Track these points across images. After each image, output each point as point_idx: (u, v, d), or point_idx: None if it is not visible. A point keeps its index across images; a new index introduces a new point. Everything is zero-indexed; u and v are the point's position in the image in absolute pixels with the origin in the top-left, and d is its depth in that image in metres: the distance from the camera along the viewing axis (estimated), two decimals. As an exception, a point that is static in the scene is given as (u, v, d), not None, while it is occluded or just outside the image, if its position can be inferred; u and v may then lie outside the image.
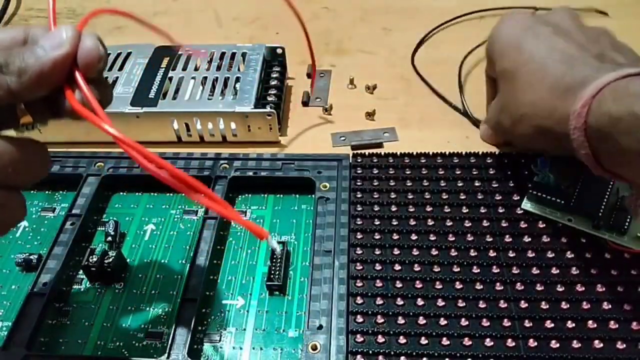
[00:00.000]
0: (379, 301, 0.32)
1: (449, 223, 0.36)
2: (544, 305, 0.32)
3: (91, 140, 0.45)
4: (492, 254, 0.35)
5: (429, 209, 0.37)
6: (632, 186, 0.31)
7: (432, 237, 0.36)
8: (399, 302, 0.32)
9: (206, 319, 0.34)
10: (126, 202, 0.41)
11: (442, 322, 0.31)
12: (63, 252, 0.36)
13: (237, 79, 0.46)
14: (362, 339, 0.31)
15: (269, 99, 0.46)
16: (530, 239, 0.35)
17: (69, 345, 0.33)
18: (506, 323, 0.31)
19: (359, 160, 0.41)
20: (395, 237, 0.36)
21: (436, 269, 0.34)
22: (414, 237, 0.36)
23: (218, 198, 0.23)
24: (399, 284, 0.33)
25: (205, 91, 0.45)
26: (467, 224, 0.36)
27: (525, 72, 0.33)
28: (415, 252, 0.35)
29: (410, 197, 0.38)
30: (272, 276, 0.35)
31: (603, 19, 0.55)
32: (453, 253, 0.35)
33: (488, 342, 0.30)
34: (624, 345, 0.30)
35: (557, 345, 0.30)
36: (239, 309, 0.34)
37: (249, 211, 0.40)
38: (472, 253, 0.35)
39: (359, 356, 0.30)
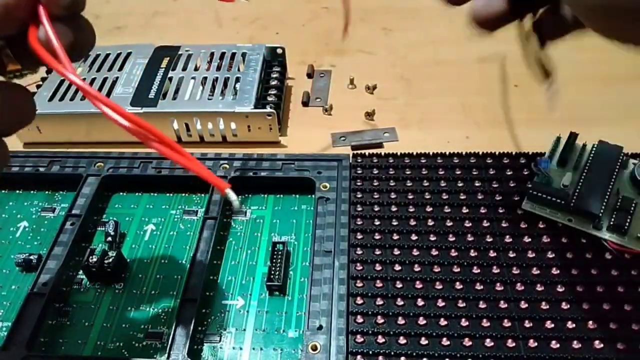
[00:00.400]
0: (379, 301, 0.32)
1: (449, 223, 0.36)
2: (544, 306, 0.32)
3: (91, 141, 0.45)
4: (492, 254, 0.35)
5: (429, 209, 0.37)
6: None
7: (432, 238, 0.36)
8: (399, 302, 0.32)
9: (206, 319, 0.34)
10: (126, 202, 0.41)
11: (442, 322, 0.31)
12: (63, 252, 0.36)
13: (237, 79, 0.46)
14: (362, 340, 0.31)
15: (269, 99, 0.46)
16: (530, 239, 0.35)
17: (69, 345, 0.33)
18: (506, 323, 0.31)
19: (359, 161, 0.41)
20: (396, 237, 0.36)
21: (436, 269, 0.34)
22: (414, 237, 0.36)
23: (177, 146, 0.22)
24: (399, 284, 0.33)
25: (205, 91, 0.45)
26: (467, 224, 0.36)
27: None
28: (415, 252, 0.35)
29: (411, 197, 0.38)
30: (272, 276, 0.35)
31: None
32: (453, 253, 0.35)
33: (488, 343, 0.30)
34: (624, 346, 0.30)
35: (558, 345, 0.30)
36: (239, 309, 0.34)
37: (249, 211, 0.40)
38: (472, 253, 0.35)
39: (359, 356, 0.30)
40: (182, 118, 0.44)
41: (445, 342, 0.31)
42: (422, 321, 0.32)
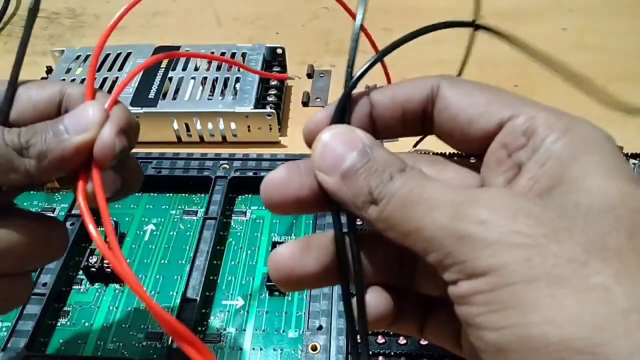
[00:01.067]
0: (379, 301, 0.32)
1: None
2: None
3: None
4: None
5: (429, 209, 0.37)
6: None
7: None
8: (399, 302, 0.32)
9: (206, 319, 0.34)
10: (126, 202, 0.41)
11: (442, 322, 0.31)
12: (63, 252, 0.36)
13: (237, 79, 0.46)
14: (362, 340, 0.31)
15: (269, 99, 0.46)
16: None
17: (69, 345, 0.33)
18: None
19: (359, 161, 0.41)
20: (395, 237, 0.36)
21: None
22: (414, 237, 0.36)
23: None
24: (399, 284, 0.33)
25: (205, 91, 0.45)
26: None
27: None
28: (415, 252, 0.35)
29: (410, 197, 0.38)
30: (272, 276, 0.35)
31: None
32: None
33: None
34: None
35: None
36: (239, 309, 0.34)
37: (249, 211, 0.40)
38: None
39: (359, 356, 0.30)
40: (182, 118, 0.44)
41: (445, 342, 0.31)
42: (422, 321, 0.31)
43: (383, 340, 0.31)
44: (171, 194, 0.42)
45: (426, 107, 0.19)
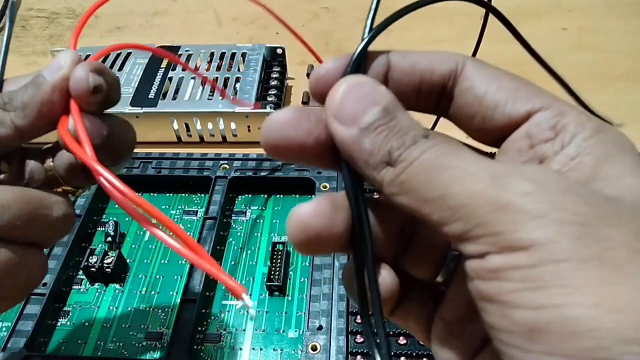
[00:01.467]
0: (379, 301, 0.32)
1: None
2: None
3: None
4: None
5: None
6: None
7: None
8: (399, 302, 0.32)
9: (206, 319, 0.34)
10: (126, 202, 0.41)
11: (442, 322, 0.31)
12: (63, 253, 0.36)
13: (237, 79, 0.46)
14: (362, 340, 0.31)
15: (269, 99, 0.46)
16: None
17: (68, 345, 0.33)
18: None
19: (359, 161, 0.41)
20: (395, 237, 0.36)
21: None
22: (414, 237, 0.36)
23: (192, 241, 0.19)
24: (399, 284, 0.33)
25: (205, 91, 0.45)
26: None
27: None
28: (415, 252, 0.35)
29: (410, 197, 0.38)
30: (272, 276, 0.35)
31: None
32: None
33: (488, 343, 0.30)
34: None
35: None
36: (239, 309, 0.34)
37: (248, 211, 0.40)
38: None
39: (358, 357, 0.30)
40: (182, 118, 0.44)
41: (445, 342, 0.31)
42: (422, 321, 0.31)
43: (383, 340, 0.31)
44: (171, 194, 0.42)
45: (447, 82, 0.18)
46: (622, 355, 0.12)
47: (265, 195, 0.41)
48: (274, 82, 0.47)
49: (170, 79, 0.46)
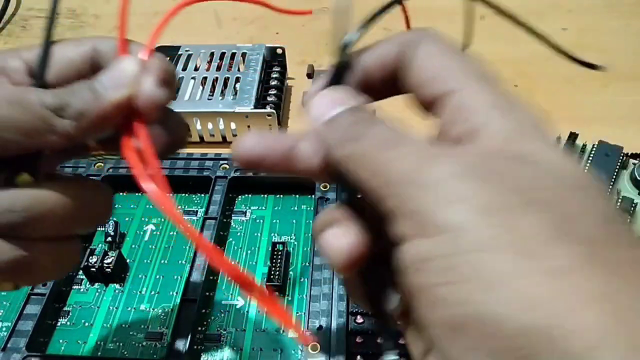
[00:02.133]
0: (379, 301, 0.32)
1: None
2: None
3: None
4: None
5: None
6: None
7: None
8: (399, 302, 0.32)
9: (206, 319, 0.34)
10: (126, 202, 0.41)
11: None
12: (63, 253, 0.36)
13: (237, 79, 0.46)
14: (361, 340, 0.31)
15: (269, 99, 0.46)
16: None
17: (69, 345, 0.33)
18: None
19: (359, 161, 0.41)
20: (395, 237, 0.36)
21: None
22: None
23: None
24: (399, 284, 0.33)
25: (205, 91, 0.45)
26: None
27: None
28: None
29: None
30: (272, 276, 0.35)
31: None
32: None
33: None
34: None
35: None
36: (239, 309, 0.34)
37: (248, 211, 0.40)
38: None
39: (358, 357, 0.30)
40: (182, 118, 0.44)
41: (445, 342, 0.30)
42: (422, 321, 0.31)
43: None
44: (171, 194, 0.42)
45: (399, 68, 0.20)
46: (542, 353, 0.12)
47: (265, 195, 0.41)
48: (274, 82, 0.47)
49: (170, 79, 0.46)
